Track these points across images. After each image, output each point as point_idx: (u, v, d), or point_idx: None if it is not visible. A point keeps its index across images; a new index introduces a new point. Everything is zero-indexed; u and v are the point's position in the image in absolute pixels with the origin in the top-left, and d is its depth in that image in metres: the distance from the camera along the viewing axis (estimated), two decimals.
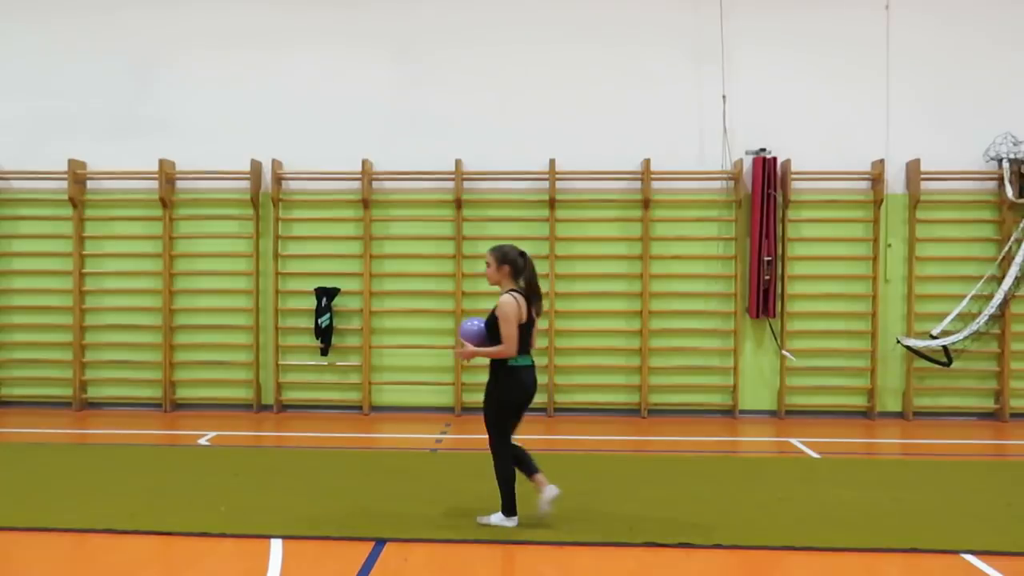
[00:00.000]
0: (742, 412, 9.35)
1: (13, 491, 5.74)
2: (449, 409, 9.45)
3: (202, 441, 7.85)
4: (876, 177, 9.16)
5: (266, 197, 9.48)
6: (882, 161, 9.12)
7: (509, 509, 5.00)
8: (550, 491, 4.97)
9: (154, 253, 9.51)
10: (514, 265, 5.11)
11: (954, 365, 9.01)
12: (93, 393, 9.62)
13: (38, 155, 9.54)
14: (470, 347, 4.98)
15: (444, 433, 8.40)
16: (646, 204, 9.23)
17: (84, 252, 9.57)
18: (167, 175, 9.40)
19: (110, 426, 8.64)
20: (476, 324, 5.07)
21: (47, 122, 9.63)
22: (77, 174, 9.42)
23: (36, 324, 9.67)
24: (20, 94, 9.67)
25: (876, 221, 9.24)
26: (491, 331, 4.97)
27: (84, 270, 9.55)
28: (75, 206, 9.45)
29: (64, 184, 9.43)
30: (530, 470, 5.07)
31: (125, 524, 4.95)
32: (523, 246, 8.94)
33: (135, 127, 9.60)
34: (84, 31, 9.67)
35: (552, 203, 9.24)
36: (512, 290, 5.05)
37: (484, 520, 5.03)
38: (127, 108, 9.63)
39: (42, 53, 9.68)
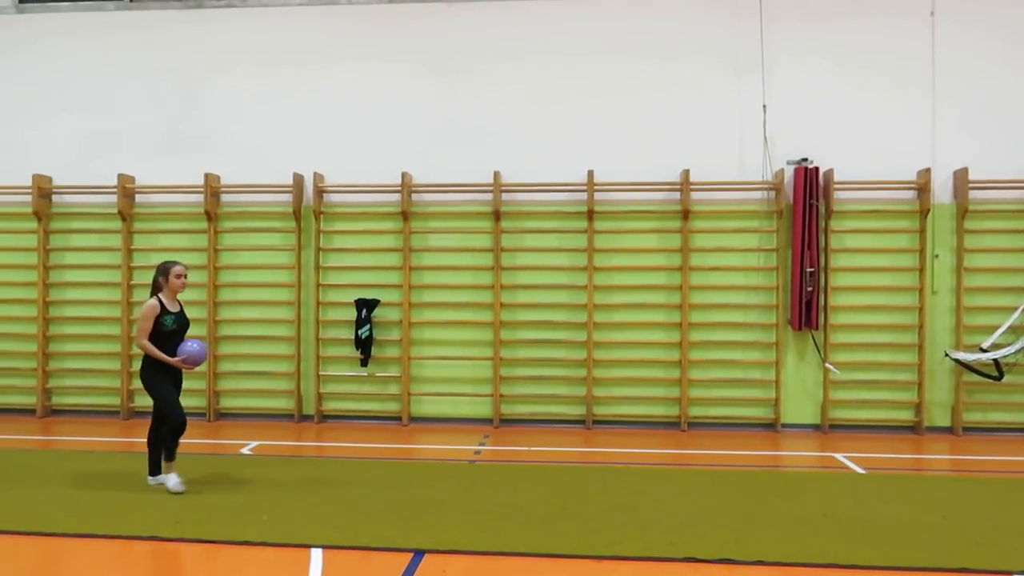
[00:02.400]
0: (784, 426, 9.20)
1: (62, 498, 5.88)
2: (487, 420, 9.46)
3: (245, 450, 7.97)
4: (922, 186, 8.98)
5: (308, 210, 9.63)
6: (928, 170, 8.94)
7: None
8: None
9: (199, 265, 9.71)
10: None
11: (1005, 379, 8.75)
12: (139, 402, 9.84)
13: (89, 170, 9.83)
14: None
15: (483, 444, 8.41)
16: (685, 215, 9.17)
17: (132, 264, 9.81)
18: (212, 189, 9.61)
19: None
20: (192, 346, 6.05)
21: (98, 138, 9.92)
22: (126, 188, 9.68)
23: (87, 335, 9.93)
24: (73, 111, 9.98)
25: (923, 231, 9.05)
26: None
27: (132, 282, 9.79)
28: (124, 219, 9.71)
29: (114, 198, 9.70)
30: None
31: (170, 532, 5.04)
32: (561, 258, 9.04)
33: (181, 142, 9.84)
34: (133, 50, 9.96)
35: (591, 214, 9.23)
36: None
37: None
38: (174, 124, 9.89)
39: (93, 71, 9.99)
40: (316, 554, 4.70)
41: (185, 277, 6.20)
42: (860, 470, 7.24)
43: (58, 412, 9.98)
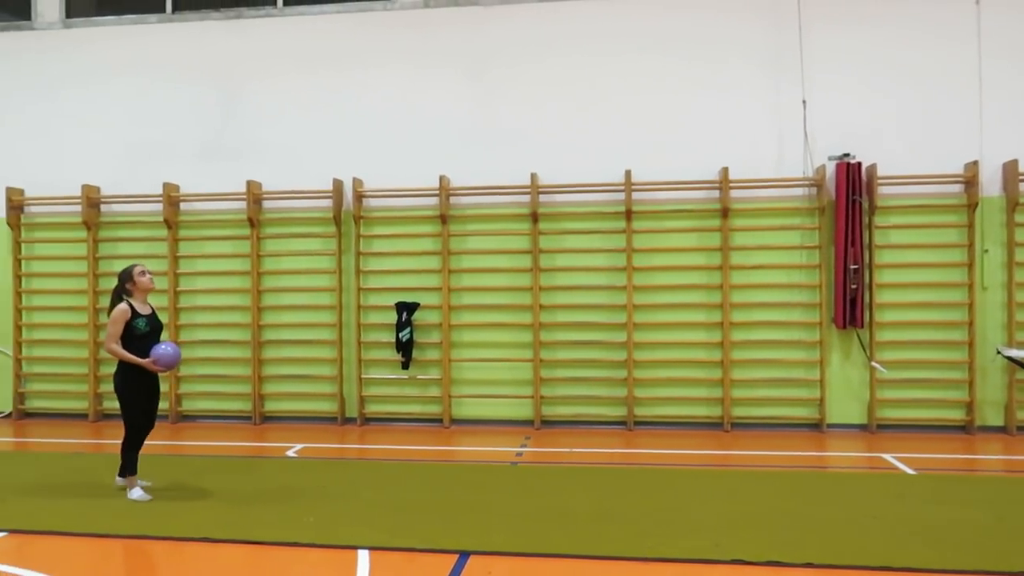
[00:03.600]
0: (830, 426, 9.04)
1: (111, 500, 6.02)
2: (528, 422, 9.46)
3: (290, 453, 8.08)
4: (970, 180, 8.77)
5: (348, 215, 9.74)
6: (976, 163, 8.72)
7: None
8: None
9: (243, 271, 9.88)
10: None
11: None
12: (187, 406, 10.03)
13: (135, 179, 10.07)
14: None
15: (524, 446, 8.41)
16: (725, 213, 9.07)
17: (178, 271, 10.01)
18: (254, 196, 9.77)
19: (204, 438, 8.98)
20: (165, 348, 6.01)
21: (143, 148, 10.15)
22: (171, 197, 9.89)
23: None
24: (118, 122, 10.22)
25: (971, 226, 8.83)
26: None
27: (178, 288, 9.99)
28: (169, 227, 9.92)
29: (159, 207, 9.91)
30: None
31: (220, 533, 5.14)
32: (600, 259, 9.01)
33: (223, 150, 10.02)
34: (175, 60, 10.18)
35: (629, 214, 9.19)
36: None
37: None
38: (216, 132, 10.07)
39: (137, 83, 10.22)
40: (363, 555, 4.75)
41: (149, 274, 6.16)
42: (910, 471, 7.08)
43: (109, 416, 10.18)
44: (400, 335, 9.52)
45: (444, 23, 9.78)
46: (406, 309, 9.53)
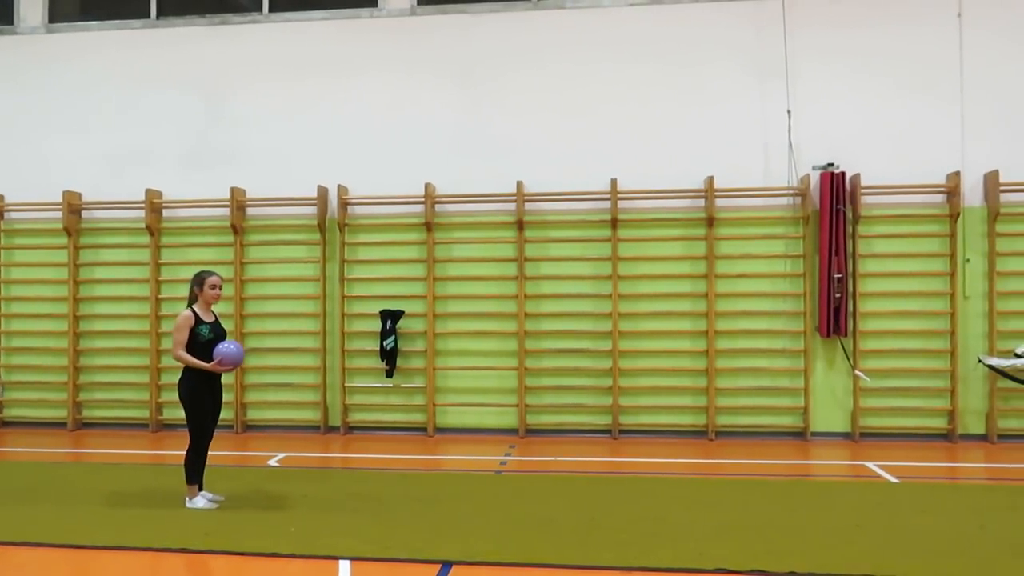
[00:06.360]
0: (814, 434, 9.07)
1: (92, 510, 5.93)
2: (513, 431, 9.42)
3: (272, 462, 8.00)
4: (951, 190, 8.84)
5: (332, 222, 9.69)
6: (958, 173, 8.80)
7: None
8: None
9: (226, 279, 9.74)
10: None
11: None
12: (168, 415, 9.92)
13: (117, 186, 9.97)
14: None
15: (509, 454, 8.37)
16: (710, 222, 9.10)
17: (161, 278, 9.92)
18: (238, 202, 9.70)
19: (185, 447, 8.85)
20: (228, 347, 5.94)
21: (126, 154, 10.06)
22: (154, 203, 9.81)
23: (116, 348, 10.05)
24: (101, 128, 10.13)
25: (953, 235, 8.90)
26: None
27: (161, 296, 9.89)
28: (152, 234, 9.83)
29: (142, 213, 9.82)
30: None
31: (200, 544, 5.07)
32: (585, 267, 9.02)
33: (207, 157, 9.96)
34: (160, 66, 10.11)
35: (614, 223, 9.20)
36: None
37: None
38: (200, 139, 10.00)
39: (121, 88, 10.15)
40: (344, 566, 4.70)
41: (220, 288, 6.12)
42: (893, 479, 7.11)
43: (88, 425, 10.09)
44: (384, 343, 9.47)
45: (431, 31, 9.78)
46: (390, 317, 9.48)
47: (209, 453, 6.11)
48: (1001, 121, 8.95)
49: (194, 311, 5.96)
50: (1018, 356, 8.57)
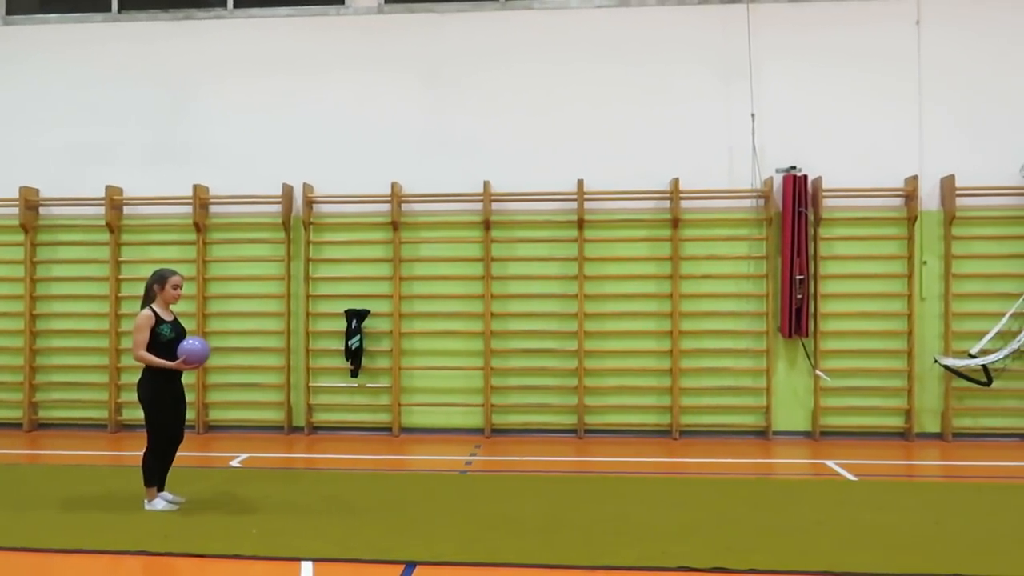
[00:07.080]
0: (776, 433, 9.20)
1: (49, 513, 5.80)
2: (479, 430, 9.42)
3: (234, 463, 7.90)
4: (910, 194, 9.03)
5: (297, 220, 9.60)
6: (915, 177, 8.99)
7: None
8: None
9: (188, 277, 9.60)
10: None
11: (994, 384, 8.79)
12: (128, 415, 9.74)
13: (77, 182, 9.76)
14: None
15: (474, 454, 8.37)
16: (675, 223, 9.19)
17: (121, 276, 9.74)
18: (201, 200, 9.56)
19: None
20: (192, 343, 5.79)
21: (85, 150, 9.85)
22: (114, 200, 9.63)
23: (74, 348, 9.85)
24: (60, 123, 9.91)
25: (911, 238, 9.10)
26: None
27: (120, 294, 9.71)
28: (112, 231, 9.65)
29: (102, 210, 9.64)
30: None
31: (159, 546, 4.98)
32: (552, 267, 9.06)
33: (170, 154, 9.80)
34: (121, 61, 9.92)
35: (581, 223, 9.24)
36: None
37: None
38: (162, 135, 9.84)
39: (81, 83, 9.94)
40: (307, 567, 4.65)
41: (181, 288, 5.94)
42: (852, 477, 7.24)
43: (45, 426, 9.87)
44: (349, 343, 9.40)
45: (398, 29, 9.73)
46: (356, 316, 9.42)
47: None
48: (958, 126, 9.16)
49: (153, 310, 5.80)
50: (972, 356, 8.82)
